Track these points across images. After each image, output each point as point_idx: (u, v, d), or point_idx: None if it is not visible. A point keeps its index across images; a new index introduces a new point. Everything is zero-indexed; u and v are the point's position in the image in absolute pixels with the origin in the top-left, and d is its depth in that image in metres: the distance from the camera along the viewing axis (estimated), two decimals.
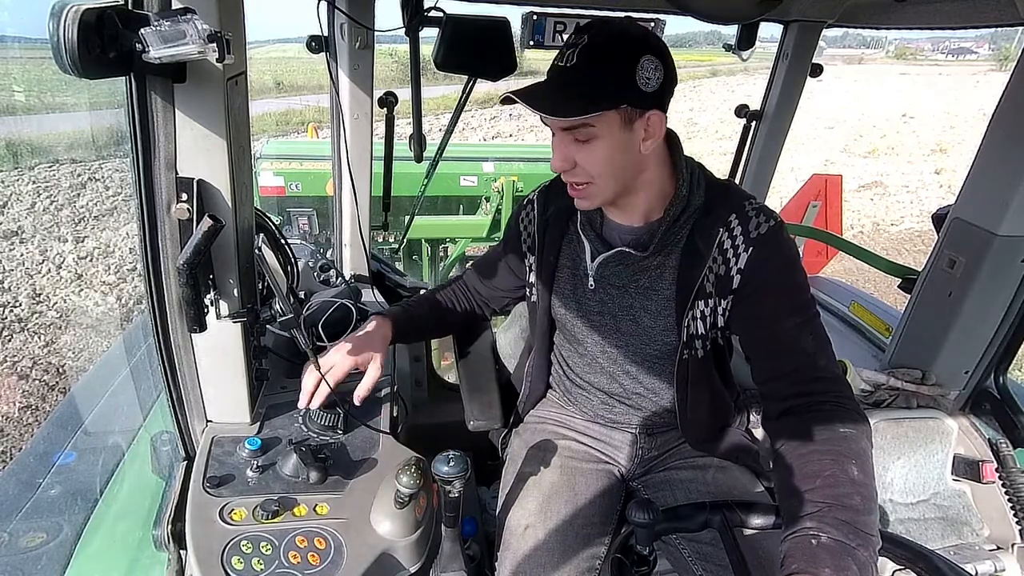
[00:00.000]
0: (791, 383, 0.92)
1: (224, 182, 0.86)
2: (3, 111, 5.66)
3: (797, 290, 0.96)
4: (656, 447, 1.19)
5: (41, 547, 1.05)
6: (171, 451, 1.07)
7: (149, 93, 0.77)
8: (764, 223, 0.95)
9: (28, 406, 3.61)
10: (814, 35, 1.78)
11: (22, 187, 7.04)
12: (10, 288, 5.08)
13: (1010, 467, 1.42)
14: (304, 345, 1.08)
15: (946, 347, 1.50)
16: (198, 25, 0.68)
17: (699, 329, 1.02)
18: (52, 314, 4.79)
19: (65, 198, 6.94)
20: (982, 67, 14.52)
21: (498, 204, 4.23)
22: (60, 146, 6.98)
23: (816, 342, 0.93)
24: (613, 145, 0.90)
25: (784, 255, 0.96)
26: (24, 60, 1.08)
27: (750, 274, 0.95)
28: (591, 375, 1.17)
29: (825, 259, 3.60)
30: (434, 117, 12.00)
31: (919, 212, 8.74)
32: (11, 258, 5.57)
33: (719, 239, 0.96)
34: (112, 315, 4.85)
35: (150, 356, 1.04)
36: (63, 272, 5.47)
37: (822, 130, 12.57)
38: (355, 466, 1.01)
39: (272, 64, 19.52)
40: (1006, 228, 1.33)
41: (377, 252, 2.07)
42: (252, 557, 0.84)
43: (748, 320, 0.98)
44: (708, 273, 0.98)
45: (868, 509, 0.76)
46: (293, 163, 4.16)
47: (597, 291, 1.08)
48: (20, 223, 6.29)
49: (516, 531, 1.07)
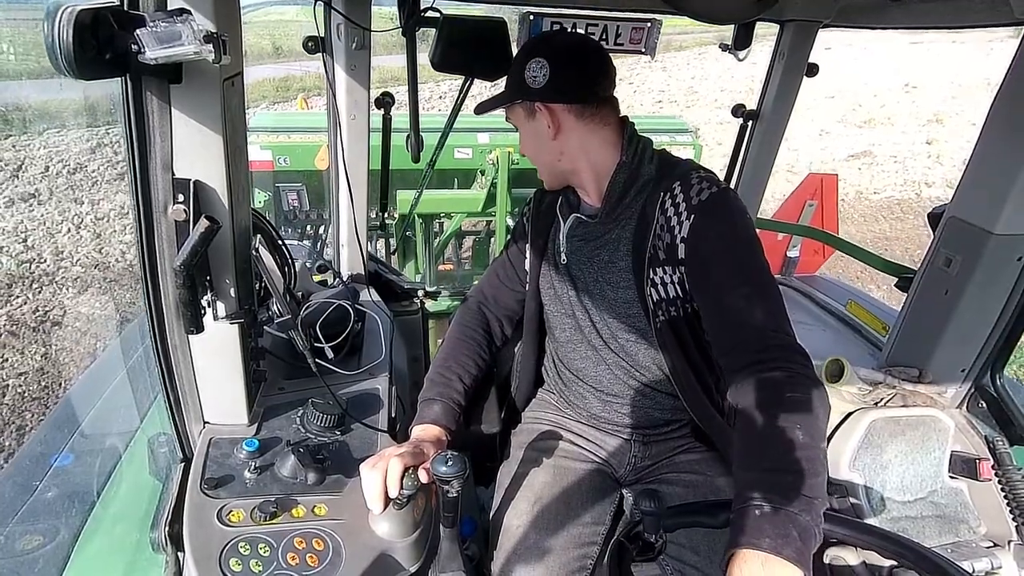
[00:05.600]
0: (741, 354, 0.90)
1: (221, 183, 0.86)
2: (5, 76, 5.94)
3: (744, 257, 0.96)
4: (650, 456, 1.19)
5: (38, 550, 1.05)
6: (169, 453, 1.06)
7: (145, 94, 0.77)
8: (706, 190, 0.97)
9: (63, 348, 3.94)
10: (810, 35, 1.78)
11: (35, 152, 7.17)
12: (33, 246, 5.29)
13: (1007, 465, 1.43)
14: (302, 346, 1.08)
15: (943, 345, 1.50)
16: (194, 26, 0.68)
17: (661, 295, 1.04)
18: (77, 269, 5.01)
19: (76, 163, 7.01)
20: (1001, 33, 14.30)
21: (493, 177, 3.99)
22: (67, 112, 7.09)
23: (767, 310, 0.91)
24: (526, 132, 1.11)
25: (728, 222, 0.97)
26: (18, 22, 1.06)
27: (693, 243, 0.97)
28: (577, 361, 1.18)
29: (822, 258, 3.61)
30: (435, 84, 11.75)
31: (903, 182, 8.69)
32: (32, 218, 5.75)
33: (662, 204, 1.01)
34: (133, 271, 4.99)
35: (147, 358, 1.04)
36: (83, 232, 5.63)
37: (822, 99, 12.39)
38: (353, 467, 1.00)
39: (270, 27, 19.07)
40: (1002, 227, 1.33)
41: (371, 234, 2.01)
42: (250, 559, 0.83)
43: (698, 291, 0.99)
44: (656, 240, 1.01)
45: (813, 471, 0.76)
46: (281, 136, 3.96)
47: (570, 266, 1.15)
48: (36, 186, 6.44)
49: (508, 531, 1.07)
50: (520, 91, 1.06)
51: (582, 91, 1.05)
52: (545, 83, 1.03)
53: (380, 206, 1.83)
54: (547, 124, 1.06)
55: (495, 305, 1.31)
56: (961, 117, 11.95)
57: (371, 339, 1.40)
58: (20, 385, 3.50)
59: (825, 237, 2.51)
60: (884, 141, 10.82)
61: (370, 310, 1.49)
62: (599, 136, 1.07)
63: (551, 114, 1.05)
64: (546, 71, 1.03)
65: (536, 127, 1.08)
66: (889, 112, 12.98)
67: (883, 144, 10.61)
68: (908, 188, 8.57)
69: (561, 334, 1.20)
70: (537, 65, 1.03)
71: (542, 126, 1.06)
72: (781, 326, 0.91)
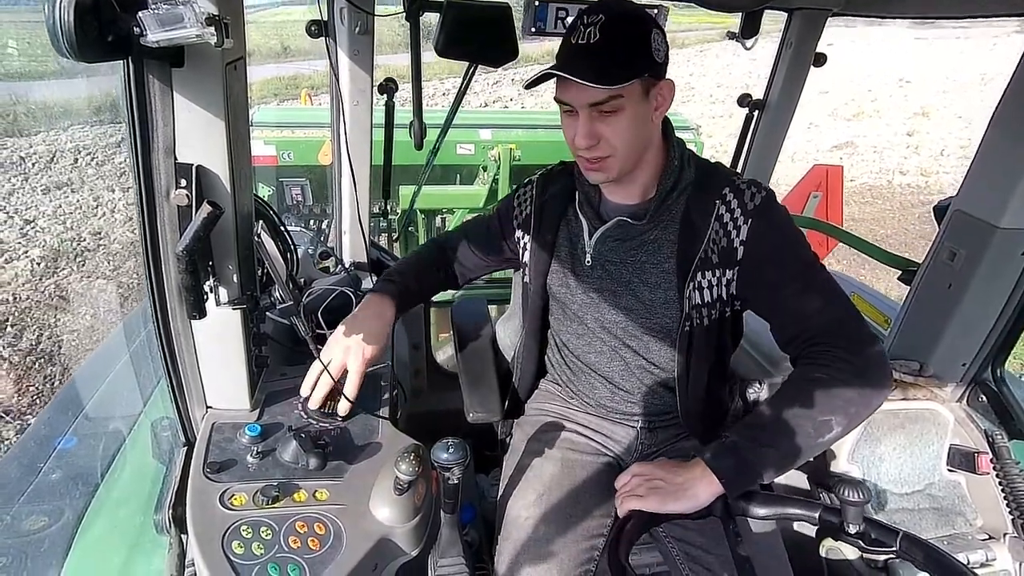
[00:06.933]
0: (797, 346, 0.99)
1: (223, 168, 0.85)
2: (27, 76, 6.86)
3: (797, 254, 1.00)
4: (656, 443, 1.20)
5: (43, 531, 1.06)
6: (171, 437, 1.07)
7: (147, 77, 0.76)
8: (757, 194, 1.00)
9: (109, 310, 4.64)
10: (818, 24, 1.76)
11: (63, 145, 7.66)
12: (72, 227, 5.79)
13: (1005, 459, 1.43)
14: (304, 332, 1.08)
15: (944, 339, 1.50)
16: (196, 8, 0.68)
17: (704, 298, 1.04)
18: (116, 246, 5.56)
19: (104, 155, 7.51)
20: (1008, 27, 14.54)
21: (495, 174, 4.05)
22: (88, 109, 7.46)
23: (821, 299, 0.97)
24: (635, 115, 0.94)
25: (783, 223, 1.01)
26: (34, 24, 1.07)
27: (752, 245, 0.99)
28: (591, 355, 1.18)
29: (826, 250, 3.60)
30: (439, 81, 11.85)
31: (878, 170, 9.32)
32: (68, 203, 6.28)
33: (717, 211, 1.00)
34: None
35: (150, 342, 1.04)
36: (117, 215, 6.15)
37: (816, 94, 12.62)
38: (354, 453, 1.01)
39: (278, 28, 19.19)
40: (1007, 221, 1.32)
41: (375, 225, 2.02)
42: (252, 542, 0.84)
43: (754, 289, 1.02)
44: (711, 244, 1.01)
45: (790, 430, 0.90)
46: (285, 131, 3.97)
47: (595, 268, 1.11)
48: (68, 175, 6.95)
49: (516, 521, 1.08)
50: (649, 64, 0.92)
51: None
52: (665, 56, 0.94)
53: (382, 193, 1.82)
54: (655, 106, 0.96)
55: (458, 265, 1.29)
56: (948, 110, 12.38)
57: None
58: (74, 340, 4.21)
59: (829, 229, 2.50)
60: (869, 133, 11.29)
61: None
62: (658, 130, 1.03)
63: (661, 92, 0.96)
64: (666, 45, 0.94)
65: (646, 108, 0.95)
66: (879, 106, 13.36)
67: (868, 136, 11.08)
68: (882, 176, 9.12)
69: (575, 328, 1.18)
70: (659, 37, 0.93)
71: (651, 107, 0.96)
72: (836, 310, 0.97)
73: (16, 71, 7.99)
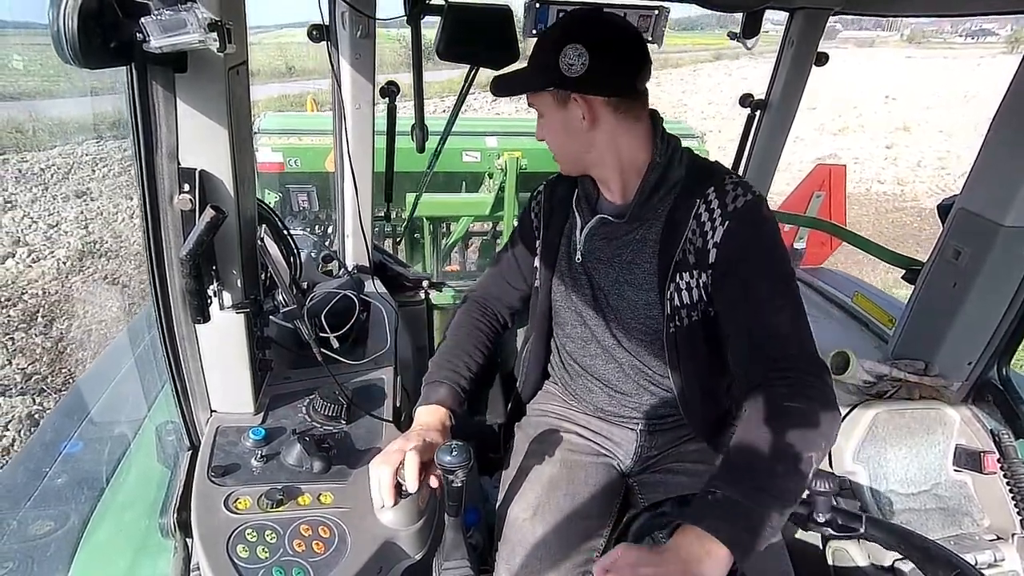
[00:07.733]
0: (758, 365, 0.92)
1: (226, 172, 0.86)
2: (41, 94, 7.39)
3: (773, 268, 0.96)
4: (656, 446, 1.19)
5: (49, 535, 1.06)
6: (176, 441, 1.08)
7: (150, 83, 0.77)
8: (741, 197, 0.97)
9: (133, 303, 5.06)
10: (820, 23, 1.75)
11: (80, 158, 8.25)
12: (94, 231, 6.28)
13: (1012, 458, 1.42)
14: (307, 335, 1.08)
15: (949, 338, 1.49)
16: (199, 14, 0.68)
17: (684, 300, 1.03)
18: (136, 247, 5.84)
19: (120, 167, 7.97)
20: (994, 49, 15.00)
21: (501, 181, 4.05)
22: (102, 124, 7.75)
23: (790, 323, 0.93)
24: (555, 121, 1.03)
25: (760, 231, 0.97)
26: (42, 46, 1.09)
27: (725, 249, 0.97)
28: (588, 358, 1.18)
29: (829, 249, 3.59)
30: (439, 99, 12.24)
31: (857, 179, 9.86)
32: (89, 210, 6.78)
33: (696, 211, 0.99)
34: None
35: (154, 347, 1.05)
36: (136, 220, 6.36)
37: (804, 111, 13.09)
38: (359, 456, 1.01)
39: (282, 49, 19.50)
40: (1012, 219, 1.32)
41: (379, 230, 2.02)
42: (257, 545, 0.84)
43: (725, 298, 0.99)
44: (687, 245, 1.00)
45: (785, 473, 0.81)
46: (292, 138, 4.01)
47: (585, 265, 1.12)
48: (87, 185, 7.48)
49: (515, 524, 1.08)
50: (554, 78, 0.98)
51: (621, 84, 0.99)
52: (583, 72, 0.96)
53: (385, 196, 1.83)
54: (582, 116, 0.99)
55: (498, 302, 1.29)
56: (930, 125, 13.29)
57: (376, 329, 1.40)
58: (102, 329, 4.59)
59: (833, 229, 2.50)
60: (852, 146, 12.03)
61: (375, 300, 1.50)
62: (632, 131, 1.03)
63: (588, 106, 0.99)
64: (584, 59, 0.96)
65: (567, 117, 1.01)
66: (864, 121, 14.18)
67: (850, 149, 11.76)
68: (861, 185, 9.57)
69: (572, 331, 1.18)
70: (575, 52, 0.95)
71: (575, 117, 1.00)
72: (802, 339, 0.92)
73: (31, 90, 8.56)
